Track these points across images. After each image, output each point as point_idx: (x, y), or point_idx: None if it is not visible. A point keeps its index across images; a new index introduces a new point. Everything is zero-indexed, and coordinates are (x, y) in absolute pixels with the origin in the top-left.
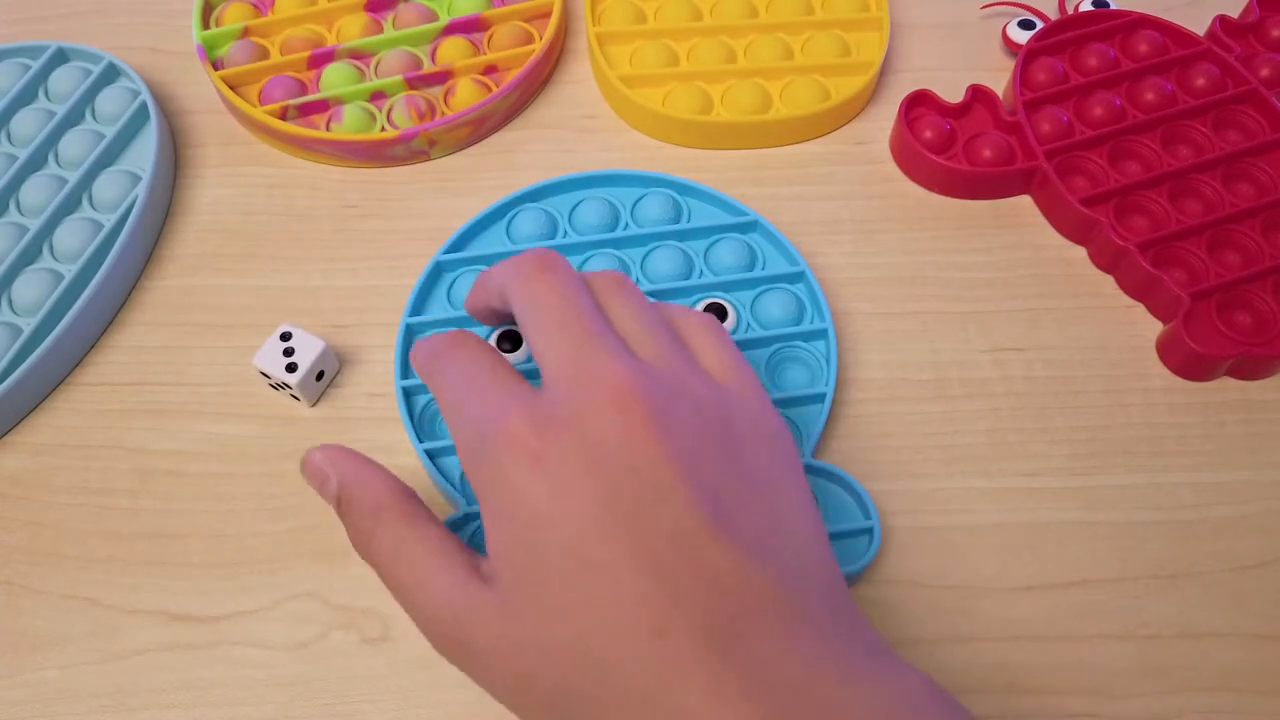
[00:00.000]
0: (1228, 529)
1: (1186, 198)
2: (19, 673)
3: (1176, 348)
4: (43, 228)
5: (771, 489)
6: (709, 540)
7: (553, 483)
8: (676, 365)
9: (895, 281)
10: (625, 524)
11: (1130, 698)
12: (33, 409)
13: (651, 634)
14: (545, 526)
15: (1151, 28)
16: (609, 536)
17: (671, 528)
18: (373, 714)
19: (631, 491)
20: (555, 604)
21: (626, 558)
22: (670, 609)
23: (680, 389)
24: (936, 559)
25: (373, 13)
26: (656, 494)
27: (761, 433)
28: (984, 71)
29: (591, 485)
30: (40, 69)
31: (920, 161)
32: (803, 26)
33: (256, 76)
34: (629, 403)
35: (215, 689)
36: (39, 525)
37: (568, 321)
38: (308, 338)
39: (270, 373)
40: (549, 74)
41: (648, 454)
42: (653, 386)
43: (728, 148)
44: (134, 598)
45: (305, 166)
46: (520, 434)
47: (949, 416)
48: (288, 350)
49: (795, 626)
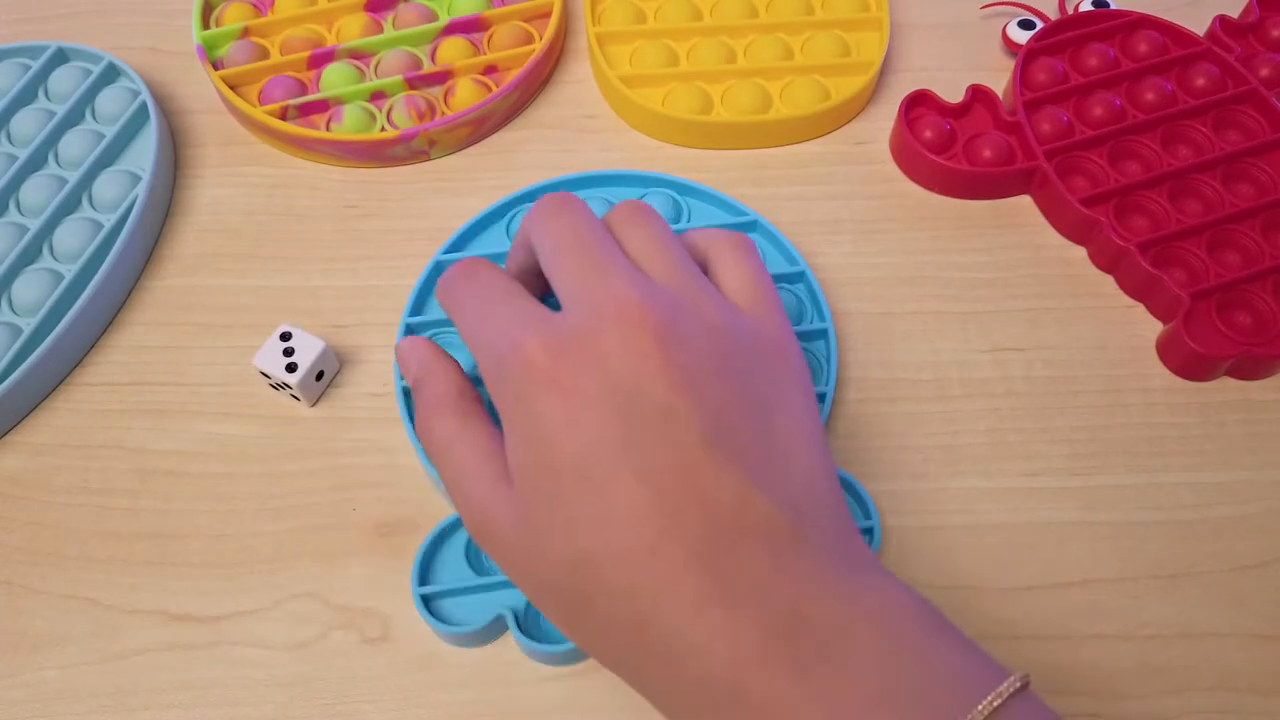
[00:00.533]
0: (1228, 529)
1: (1186, 198)
2: (19, 673)
3: (1176, 348)
4: (43, 228)
5: (777, 414)
6: (708, 461)
7: (568, 404)
8: (688, 286)
9: (895, 281)
10: (630, 445)
11: (1130, 698)
12: (33, 409)
13: (646, 552)
14: (560, 446)
15: (1151, 28)
16: (615, 457)
17: (673, 448)
18: (373, 714)
19: (638, 412)
20: (564, 519)
21: (628, 477)
22: (664, 528)
23: (690, 309)
24: (936, 559)
25: (373, 13)
26: (660, 415)
27: (773, 357)
28: (984, 71)
29: (602, 406)
30: (40, 69)
31: (920, 161)
32: (803, 26)
33: (256, 76)
34: (636, 321)
35: (215, 689)
36: (39, 525)
37: (580, 250)
38: (308, 338)
39: (270, 373)
40: (549, 74)
41: (653, 374)
42: (660, 305)
43: (728, 148)
44: (134, 598)
45: (305, 166)
46: (536, 359)
47: (949, 416)
48: (288, 350)
49: (788, 547)
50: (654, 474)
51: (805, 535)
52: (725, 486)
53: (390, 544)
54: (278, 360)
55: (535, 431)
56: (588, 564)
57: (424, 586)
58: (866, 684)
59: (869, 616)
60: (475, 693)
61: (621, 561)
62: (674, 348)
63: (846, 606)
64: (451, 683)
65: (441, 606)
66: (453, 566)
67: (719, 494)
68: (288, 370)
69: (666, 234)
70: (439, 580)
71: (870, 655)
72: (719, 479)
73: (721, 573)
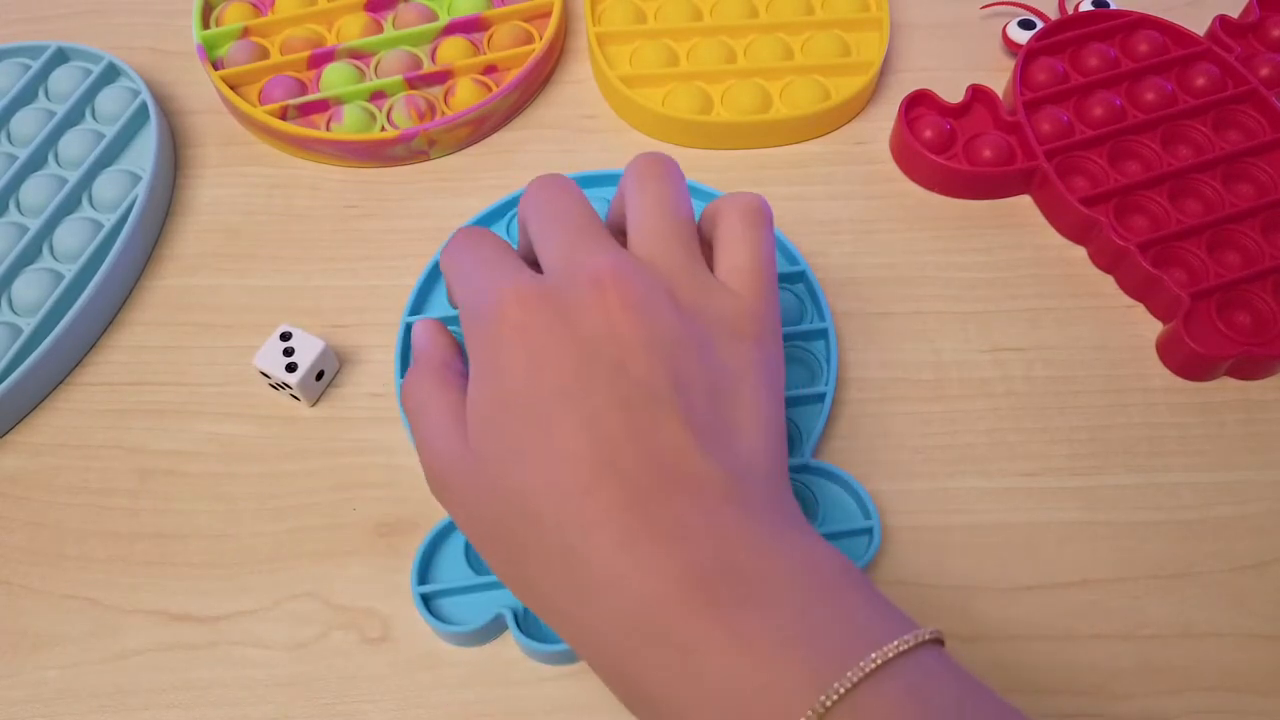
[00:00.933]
0: (1228, 529)
1: (1186, 198)
2: (19, 673)
3: (1176, 348)
4: (43, 228)
5: (733, 394)
6: (658, 417)
7: (531, 350)
8: (671, 264)
9: (895, 281)
10: (584, 392)
11: (1130, 698)
12: (33, 409)
13: (581, 491)
14: (515, 386)
15: (1151, 27)
16: (564, 400)
17: (620, 400)
18: (373, 714)
19: (594, 366)
20: (509, 452)
21: (577, 421)
22: (602, 471)
23: (664, 287)
24: (936, 559)
25: (373, 12)
26: (614, 370)
27: (741, 341)
28: (984, 71)
29: (561, 356)
30: (40, 69)
31: (920, 161)
32: (803, 26)
33: (256, 76)
34: (607, 285)
35: (215, 689)
36: (39, 525)
37: (565, 225)
38: (308, 338)
39: (270, 373)
40: (549, 74)
41: (615, 335)
42: (633, 277)
43: (728, 148)
44: (134, 598)
45: (305, 166)
46: (509, 308)
47: (949, 416)
48: (288, 350)
49: (720, 503)
50: (598, 420)
51: (738, 496)
52: (665, 440)
53: (390, 544)
54: (278, 360)
55: (496, 372)
56: (526, 496)
57: (423, 585)
58: (780, 626)
59: (790, 569)
60: (475, 693)
61: (557, 496)
62: (640, 316)
63: (769, 558)
64: (451, 683)
65: (441, 605)
66: (452, 566)
67: (659, 446)
68: (288, 370)
69: (675, 199)
70: (438, 579)
71: (787, 601)
72: (660, 433)
73: (651, 516)
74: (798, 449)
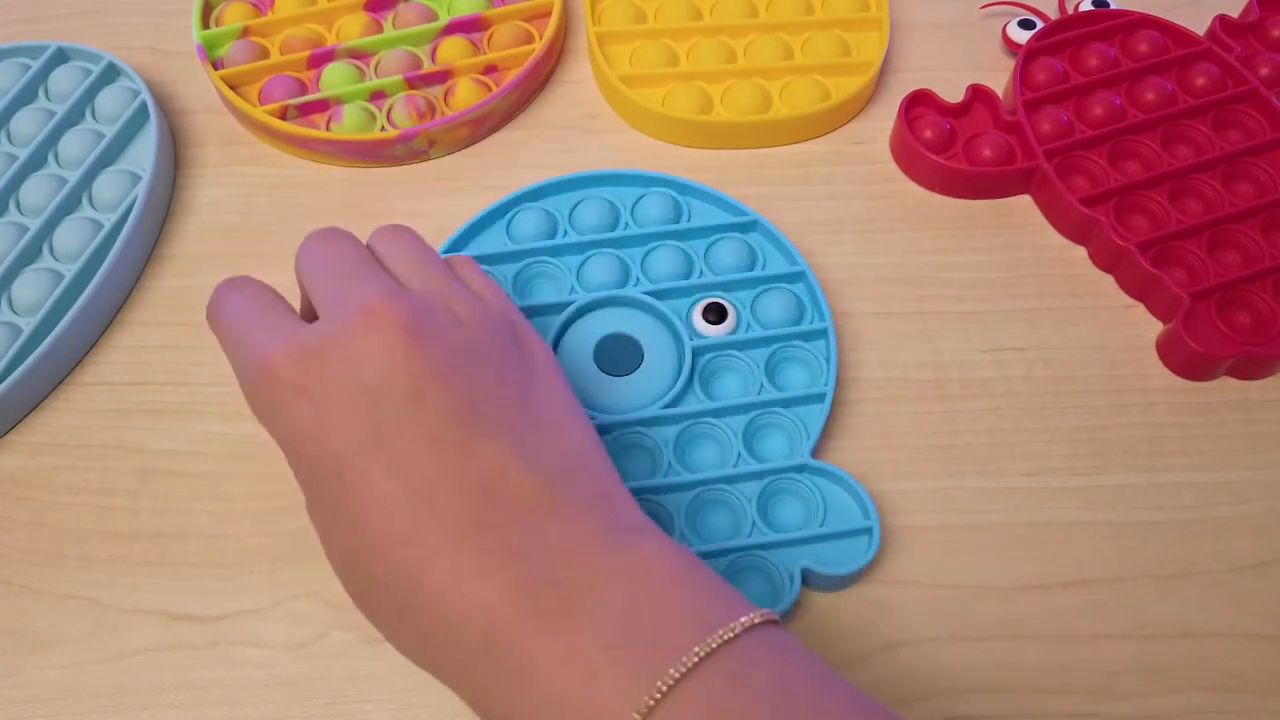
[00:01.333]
0: (1228, 529)
1: (1186, 197)
2: (19, 673)
3: (1176, 348)
4: (43, 227)
5: (532, 393)
6: (460, 440)
7: (315, 410)
8: (442, 288)
9: (895, 281)
10: (382, 437)
11: (1130, 698)
12: (33, 409)
13: (402, 541)
14: (312, 453)
15: (1151, 27)
16: (364, 453)
17: (424, 434)
18: (373, 714)
19: (387, 405)
20: (330, 518)
21: (382, 470)
22: (417, 514)
23: (440, 306)
24: (936, 559)
25: (372, 12)
26: (409, 402)
27: (525, 344)
28: (984, 71)
29: (349, 407)
30: (40, 69)
31: (920, 161)
32: (803, 26)
33: (256, 76)
34: (381, 318)
35: (215, 689)
36: (39, 525)
37: (335, 266)
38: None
39: None
40: (549, 74)
41: (401, 365)
42: (407, 304)
43: (728, 148)
44: (134, 598)
45: (305, 166)
46: (283, 370)
47: (949, 416)
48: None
49: (543, 514)
50: (404, 462)
51: (563, 500)
52: (480, 461)
53: None
54: None
55: (291, 441)
56: (355, 557)
57: None
58: (607, 631)
59: (619, 571)
60: None
61: (379, 553)
62: (422, 340)
63: (597, 563)
64: None
65: None
66: None
67: (473, 470)
68: None
69: (424, 248)
70: None
71: (614, 606)
72: (472, 456)
73: (475, 547)
74: (798, 449)
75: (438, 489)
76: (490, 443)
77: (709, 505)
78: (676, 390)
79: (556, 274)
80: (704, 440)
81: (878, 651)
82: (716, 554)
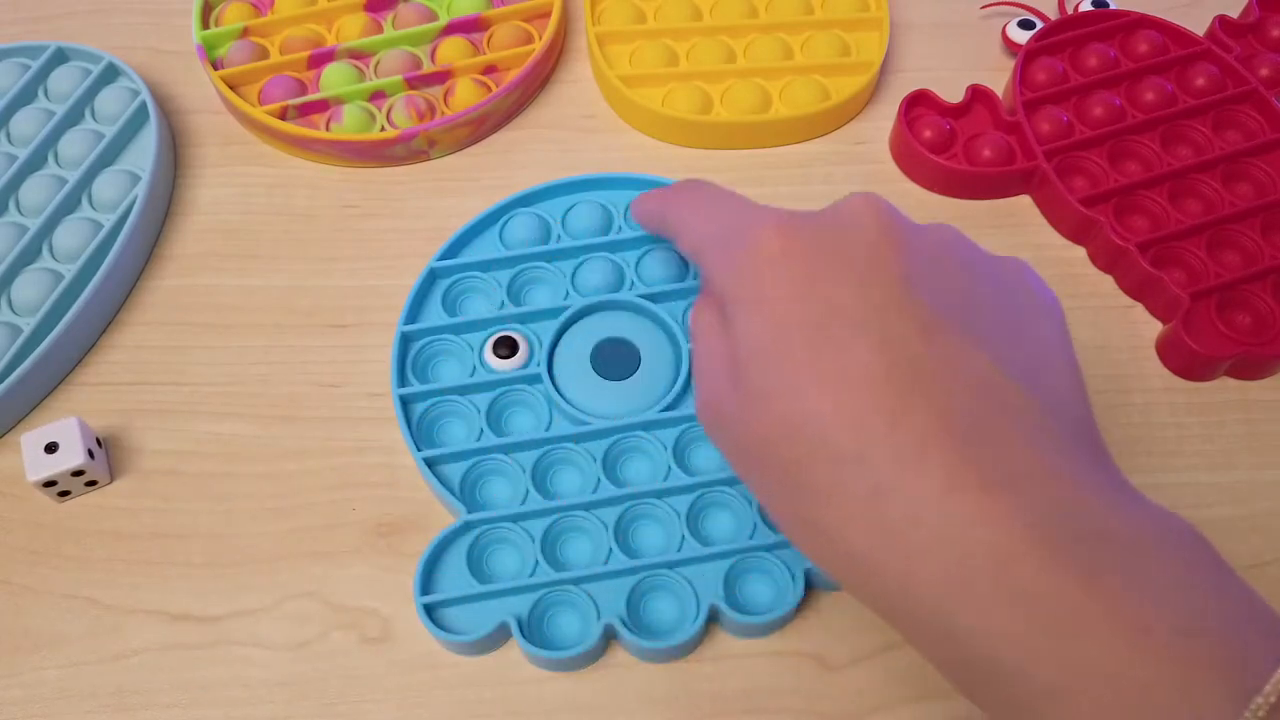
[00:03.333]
0: (1228, 529)
1: (1186, 198)
2: (19, 673)
3: (1176, 348)
4: (42, 227)
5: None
6: (958, 338)
7: (801, 274)
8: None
9: None
10: (870, 311)
11: None
12: (33, 409)
13: (884, 419)
14: (790, 312)
15: (1151, 28)
16: (851, 322)
17: (915, 317)
18: (373, 714)
19: (878, 280)
20: (790, 380)
21: (866, 342)
22: (911, 394)
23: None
24: None
25: (372, 13)
26: (902, 282)
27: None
28: (984, 71)
29: (838, 276)
30: (40, 69)
31: (920, 161)
32: (802, 26)
33: (256, 76)
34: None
35: (215, 689)
36: (39, 525)
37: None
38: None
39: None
40: (549, 74)
41: (892, 250)
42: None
43: (728, 148)
44: (134, 598)
45: (305, 166)
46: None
47: None
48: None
49: (1042, 436)
50: (895, 341)
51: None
52: (977, 366)
53: (390, 544)
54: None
55: (761, 301)
56: (812, 423)
57: (426, 595)
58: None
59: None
60: (475, 692)
61: (855, 426)
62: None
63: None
64: (451, 682)
65: (445, 615)
66: (455, 575)
67: (971, 371)
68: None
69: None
70: (441, 589)
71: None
72: (971, 357)
73: (971, 451)
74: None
75: (932, 375)
76: (981, 348)
77: (711, 508)
78: (675, 393)
79: (551, 279)
80: (704, 443)
81: (879, 651)
82: (720, 556)
